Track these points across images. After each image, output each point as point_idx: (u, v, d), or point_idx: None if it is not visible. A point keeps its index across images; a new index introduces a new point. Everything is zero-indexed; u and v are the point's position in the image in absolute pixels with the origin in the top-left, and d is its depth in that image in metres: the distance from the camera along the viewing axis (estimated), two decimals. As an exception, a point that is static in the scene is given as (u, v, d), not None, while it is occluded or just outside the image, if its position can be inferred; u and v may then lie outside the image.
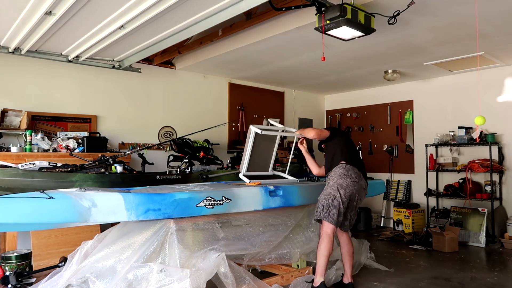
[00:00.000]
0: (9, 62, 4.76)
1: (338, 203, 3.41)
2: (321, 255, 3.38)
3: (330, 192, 3.46)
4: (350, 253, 3.62)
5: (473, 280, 3.98)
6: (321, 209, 3.44)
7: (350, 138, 3.98)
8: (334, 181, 3.48)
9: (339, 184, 3.45)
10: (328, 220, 3.38)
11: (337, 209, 3.40)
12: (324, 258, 3.37)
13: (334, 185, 3.46)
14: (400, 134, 7.13)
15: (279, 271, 3.76)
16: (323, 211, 3.42)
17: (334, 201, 3.41)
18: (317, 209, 3.48)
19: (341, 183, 3.45)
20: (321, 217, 3.42)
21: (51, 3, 3.26)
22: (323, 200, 3.46)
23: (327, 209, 3.41)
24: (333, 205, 3.40)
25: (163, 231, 2.94)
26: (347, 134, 3.91)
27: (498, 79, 5.94)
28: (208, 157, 5.36)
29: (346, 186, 3.45)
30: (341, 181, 3.45)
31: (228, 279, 2.89)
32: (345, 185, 3.45)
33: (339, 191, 3.43)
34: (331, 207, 3.40)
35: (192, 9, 3.57)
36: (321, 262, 3.37)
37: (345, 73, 6.34)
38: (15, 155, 4.30)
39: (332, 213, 3.39)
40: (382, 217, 7.13)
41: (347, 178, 3.47)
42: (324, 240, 3.38)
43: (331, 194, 3.44)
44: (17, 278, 3.55)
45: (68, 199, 2.56)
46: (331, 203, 3.41)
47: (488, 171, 5.73)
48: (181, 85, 6.29)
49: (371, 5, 3.60)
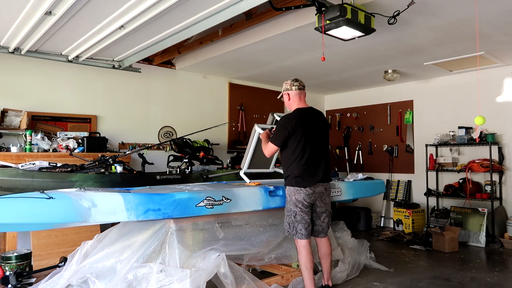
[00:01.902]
0: (9, 62, 4.76)
1: (302, 218, 3.31)
2: (304, 269, 3.29)
3: (290, 209, 3.35)
4: (327, 255, 3.50)
5: (473, 280, 3.98)
6: (288, 227, 3.36)
7: (314, 126, 3.43)
8: (291, 197, 3.34)
9: (296, 200, 3.31)
10: (298, 237, 3.31)
11: (302, 223, 3.31)
12: (308, 271, 3.28)
13: (291, 200, 3.34)
14: (400, 134, 7.13)
15: (279, 271, 3.76)
16: (290, 229, 3.34)
17: (297, 216, 3.31)
18: (285, 227, 3.40)
19: (297, 198, 3.31)
20: (291, 235, 3.35)
21: (51, 3, 3.26)
22: (287, 218, 3.37)
23: (293, 226, 3.32)
24: (296, 221, 3.31)
25: (163, 231, 2.94)
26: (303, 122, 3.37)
27: (498, 79, 5.94)
28: (208, 157, 5.36)
29: (303, 199, 3.31)
30: (296, 196, 3.31)
31: (228, 279, 2.89)
32: (301, 199, 3.31)
33: (297, 206, 3.32)
34: (296, 223, 3.31)
35: (192, 9, 3.57)
36: (306, 275, 3.29)
37: (345, 73, 6.34)
38: (15, 155, 4.30)
39: (299, 229, 3.30)
40: (382, 217, 7.12)
41: (301, 193, 3.30)
42: (302, 254, 3.29)
43: (292, 210, 3.34)
44: (17, 278, 3.55)
45: (68, 199, 2.56)
46: (294, 219, 3.32)
47: (488, 171, 5.73)
48: (181, 85, 6.29)
49: (371, 5, 3.60)
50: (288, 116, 3.44)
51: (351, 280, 3.87)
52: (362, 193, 4.49)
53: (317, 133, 3.43)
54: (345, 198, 4.22)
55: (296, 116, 3.40)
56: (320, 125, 3.50)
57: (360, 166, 7.62)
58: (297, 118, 3.38)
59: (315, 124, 3.45)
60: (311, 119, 3.43)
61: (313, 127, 3.42)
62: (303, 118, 3.39)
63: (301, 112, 3.43)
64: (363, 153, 7.65)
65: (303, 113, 3.42)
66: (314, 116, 3.48)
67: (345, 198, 4.19)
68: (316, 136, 3.42)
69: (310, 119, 3.43)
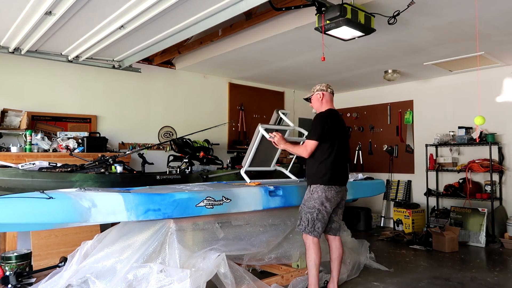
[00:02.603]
0: (9, 62, 4.76)
1: (323, 216, 3.32)
2: (313, 265, 3.29)
3: (314, 206, 3.32)
4: (340, 259, 3.50)
5: (473, 280, 3.98)
6: (306, 224, 3.32)
7: (341, 129, 3.52)
8: (319, 195, 3.31)
9: (325, 198, 3.31)
10: (314, 235, 3.29)
11: (322, 221, 3.32)
12: (316, 267, 3.29)
13: (319, 198, 3.31)
14: (400, 134, 7.13)
15: (279, 271, 3.76)
16: (308, 226, 3.30)
17: (319, 215, 3.30)
18: (301, 222, 3.36)
19: (326, 196, 3.30)
20: (306, 232, 3.31)
21: (51, 3, 3.26)
22: (308, 214, 3.32)
23: (312, 224, 3.29)
24: (317, 219, 3.30)
25: (163, 231, 2.94)
26: (335, 123, 3.45)
27: (498, 79, 5.94)
28: (208, 157, 5.36)
29: (331, 198, 3.33)
30: (326, 194, 3.30)
31: (228, 279, 2.89)
32: (330, 197, 3.32)
33: (324, 204, 3.31)
34: (316, 221, 3.29)
35: (192, 9, 3.57)
36: (314, 272, 3.29)
37: (345, 73, 6.34)
38: (15, 155, 4.30)
39: (317, 227, 3.30)
40: (382, 217, 7.12)
41: (332, 190, 3.32)
42: (313, 251, 3.29)
43: (315, 208, 3.31)
44: (17, 278, 3.55)
45: (68, 199, 2.56)
46: (315, 217, 3.30)
47: (488, 171, 5.73)
48: (181, 85, 6.29)
49: (371, 5, 3.60)
50: (324, 114, 3.48)
51: (351, 280, 3.87)
52: (362, 193, 4.50)
53: (342, 136, 3.51)
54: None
55: (331, 115, 3.48)
56: (345, 130, 3.60)
57: (360, 166, 7.62)
58: (332, 117, 3.47)
59: (342, 127, 3.53)
60: (339, 122, 3.53)
61: (340, 129, 3.50)
62: (335, 118, 3.49)
63: (334, 112, 3.53)
64: (363, 153, 7.65)
65: (335, 114, 3.52)
66: (341, 120, 3.58)
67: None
68: (342, 139, 3.49)
69: (339, 121, 3.53)
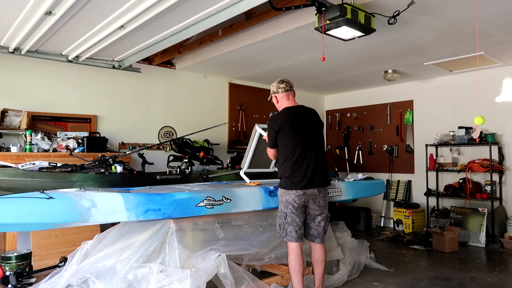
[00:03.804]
0: (9, 62, 4.76)
1: (292, 219, 3.19)
2: (292, 273, 3.18)
3: (281, 210, 3.25)
4: (321, 262, 3.32)
5: (473, 280, 3.98)
6: (278, 228, 3.26)
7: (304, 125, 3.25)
8: (282, 198, 3.24)
9: (286, 201, 3.20)
10: (288, 239, 3.19)
11: (293, 225, 3.18)
12: (297, 275, 3.15)
13: (283, 202, 3.23)
14: (400, 134, 7.13)
15: (278, 271, 3.76)
16: (281, 231, 3.23)
17: (287, 218, 3.20)
18: (276, 228, 3.31)
19: (287, 199, 3.19)
20: (281, 237, 3.25)
21: (51, 3, 3.26)
22: (278, 219, 3.27)
23: (283, 228, 3.21)
24: (287, 223, 3.19)
25: (163, 231, 2.94)
26: (290, 122, 3.23)
27: (498, 79, 5.94)
28: (208, 157, 5.36)
29: (293, 201, 3.17)
30: (287, 197, 3.19)
31: (228, 279, 2.89)
32: (291, 200, 3.18)
33: (288, 207, 3.20)
34: (286, 225, 3.20)
35: (192, 9, 3.57)
36: (295, 279, 3.17)
37: (345, 73, 6.34)
38: (15, 155, 4.30)
39: (289, 231, 3.18)
40: (382, 217, 7.12)
41: (291, 194, 3.17)
42: (291, 257, 3.17)
43: (282, 211, 3.23)
44: (17, 278, 3.55)
45: (68, 199, 2.56)
46: (284, 221, 3.21)
47: (488, 171, 5.73)
48: (181, 85, 6.29)
49: (371, 5, 3.60)
50: (275, 116, 3.30)
51: (351, 280, 3.87)
52: (362, 193, 4.49)
53: (309, 132, 3.26)
54: (345, 198, 4.22)
55: (283, 115, 3.27)
56: (312, 124, 3.32)
57: (360, 166, 7.62)
58: (284, 117, 3.25)
59: (306, 122, 3.28)
60: (300, 118, 3.26)
61: (303, 125, 3.25)
62: (290, 116, 3.24)
63: (288, 110, 3.29)
64: (363, 153, 7.65)
65: (290, 111, 3.27)
66: (304, 114, 3.30)
67: (345, 198, 4.20)
68: (308, 135, 3.25)
69: (300, 117, 3.26)
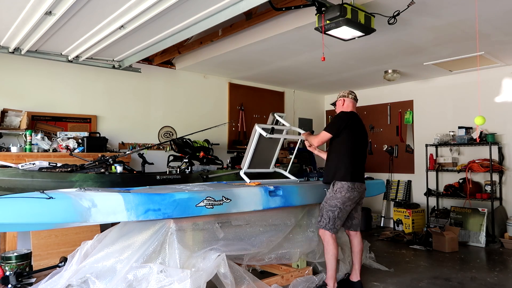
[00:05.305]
0: (9, 62, 4.76)
1: (343, 215, 3.48)
2: (333, 259, 3.43)
3: (336, 205, 3.46)
4: (361, 253, 3.70)
5: (473, 280, 3.98)
6: (327, 221, 3.46)
7: (361, 130, 3.71)
8: (342, 195, 3.46)
9: (347, 198, 3.46)
10: (333, 231, 3.45)
11: (341, 219, 3.49)
12: (334, 261, 3.43)
13: (342, 198, 3.45)
14: (400, 134, 7.13)
15: (279, 271, 3.76)
16: (329, 223, 3.45)
17: (340, 213, 3.45)
18: (322, 219, 3.50)
19: (349, 197, 3.46)
20: (327, 229, 3.45)
21: (51, 3, 3.26)
22: (329, 212, 3.47)
23: (333, 222, 3.45)
24: (338, 217, 3.45)
25: (163, 231, 2.94)
26: (355, 122, 3.65)
27: (498, 79, 5.94)
28: (208, 157, 5.36)
29: (353, 198, 3.50)
30: (349, 195, 3.46)
31: (228, 279, 2.89)
32: (352, 197, 3.48)
33: (345, 204, 3.46)
34: (337, 219, 3.45)
35: (192, 9, 3.57)
36: (331, 266, 3.43)
37: (345, 73, 6.34)
38: (15, 155, 4.30)
39: (337, 225, 3.46)
40: (382, 217, 7.12)
41: (354, 191, 3.48)
42: (333, 245, 3.44)
43: (337, 206, 3.46)
44: (17, 278, 3.55)
45: (68, 199, 2.56)
46: (336, 215, 3.45)
47: (488, 171, 5.73)
48: (181, 85, 6.29)
49: (371, 5, 3.60)
50: (347, 113, 3.66)
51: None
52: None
53: (362, 138, 3.70)
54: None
55: (352, 116, 3.67)
56: (365, 133, 3.77)
57: (360, 166, 7.62)
58: (353, 118, 3.66)
59: (362, 130, 3.72)
60: (360, 125, 3.71)
61: (361, 132, 3.69)
62: (356, 119, 3.67)
63: (355, 114, 3.71)
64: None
65: (355, 116, 3.69)
66: (362, 123, 3.75)
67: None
68: (362, 140, 3.69)
69: (360, 124, 3.71)
